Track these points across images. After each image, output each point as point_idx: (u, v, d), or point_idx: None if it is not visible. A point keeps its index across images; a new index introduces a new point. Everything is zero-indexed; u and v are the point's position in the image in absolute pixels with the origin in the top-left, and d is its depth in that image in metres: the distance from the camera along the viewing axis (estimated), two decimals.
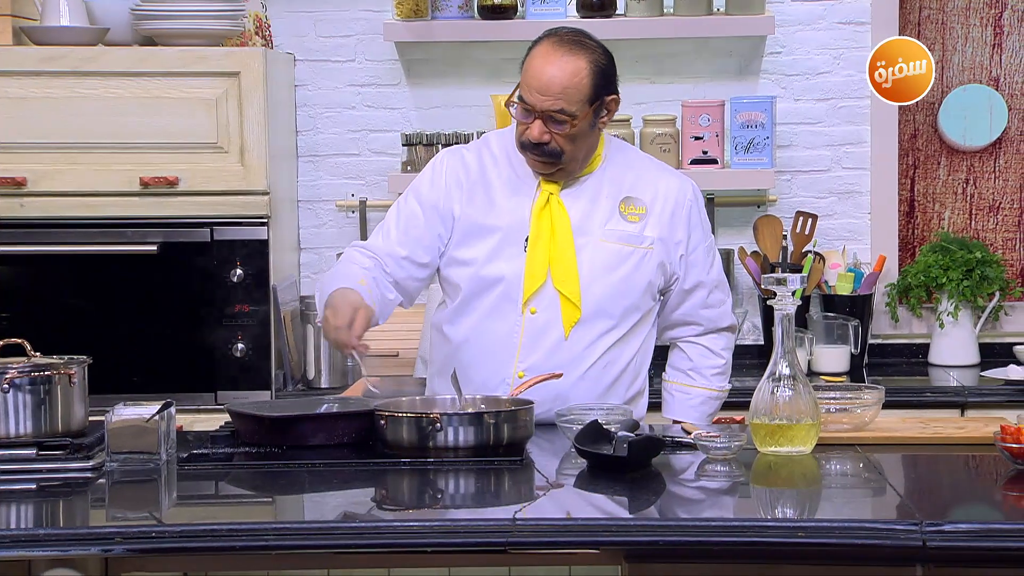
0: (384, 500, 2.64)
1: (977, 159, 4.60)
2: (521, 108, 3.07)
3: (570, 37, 3.08)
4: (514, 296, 3.11)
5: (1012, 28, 4.55)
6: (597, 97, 3.07)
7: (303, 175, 4.56)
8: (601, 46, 3.12)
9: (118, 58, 4.03)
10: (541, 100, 3.03)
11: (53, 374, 2.77)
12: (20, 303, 4.05)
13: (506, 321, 3.12)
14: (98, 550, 2.38)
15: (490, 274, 3.13)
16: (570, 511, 2.60)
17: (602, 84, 3.08)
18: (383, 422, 2.79)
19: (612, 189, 3.17)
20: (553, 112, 3.03)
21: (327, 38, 4.54)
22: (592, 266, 3.12)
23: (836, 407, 2.97)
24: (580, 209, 3.14)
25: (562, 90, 3.02)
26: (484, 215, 3.15)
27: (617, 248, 3.14)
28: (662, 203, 3.18)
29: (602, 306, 3.13)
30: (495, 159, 3.20)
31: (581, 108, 3.04)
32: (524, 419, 2.81)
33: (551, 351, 3.10)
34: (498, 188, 3.17)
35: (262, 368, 4.07)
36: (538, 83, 3.03)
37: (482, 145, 3.24)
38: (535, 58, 3.06)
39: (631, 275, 3.14)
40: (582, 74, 3.04)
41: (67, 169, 4.04)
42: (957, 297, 4.35)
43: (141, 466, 2.74)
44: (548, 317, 3.11)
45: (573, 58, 3.04)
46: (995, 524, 2.39)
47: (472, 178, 3.18)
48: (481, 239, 3.14)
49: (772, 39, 4.48)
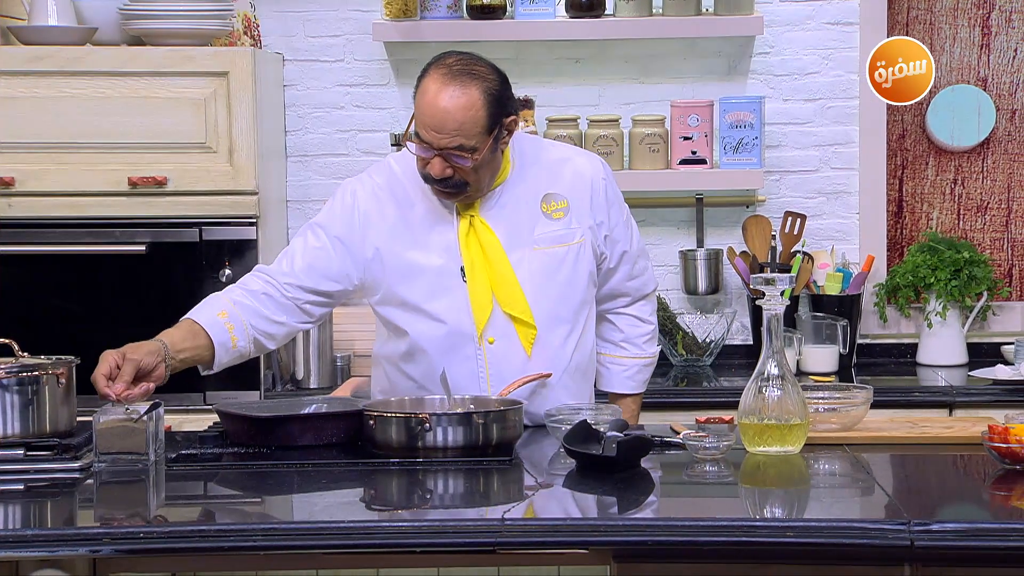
0: (373, 500, 2.64)
1: (965, 159, 4.61)
2: (419, 144, 2.95)
3: (459, 67, 2.93)
4: (467, 331, 3.05)
5: (1000, 28, 4.56)
6: (495, 125, 2.95)
7: (292, 175, 4.56)
8: (493, 69, 2.98)
9: (106, 58, 4.02)
10: (438, 138, 2.91)
11: (41, 374, 2.77)
12: (8, 303, 4.04)
13: (467, 358, 3.05)
14: (86, 551, 2.38)
15: (435, 312, 3.05)
16: (559, 511, 2.60)
17: (498, 110, 2.95)
18: (372, 422, 2.79)
19: (530, 193, 3.10)
20: (452, 149, 2.92)
21: (316, 38, 4.53)
22: (533, 278, 3.07)
23: (825, 407, 2.97)
24: (505, 224, 3.07)
25: (458, 126, 2.90)
26: (411, 251, 3.06)
27: (552, 252, 3.09)
28: (579, 191, 3.12)
29: (554, 313, 3.09)
30: (406, 190, 3.08)
31: (480, 140, 2.94)
32: (513, 419, 2.81)
33: (519, 373, 3.06)
34: (417, 223, 3.07)
35: (251, 368, 4.06)
36: (432, 121, 2.90)
37: (388, 173, 3.12)
38: (426, 93, 2.92)
39: (572, 274, 3.11)
40: (476, 106, 2.90)
41: (55, 169, 4.03)
42: (945, 297, 4.36)
43: (129, 466, 2.74)
44: (507, 343, 3.06)
45: (465, 91, 2.90)
46: (983, 524, 2.39)
47: (389, 218, 3.07)
48: (415, 278, 3.06)
49: (761, 39, 4.48)
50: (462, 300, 3.04)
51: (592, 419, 2.85)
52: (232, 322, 2.99)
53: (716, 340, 4.42)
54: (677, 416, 3.49)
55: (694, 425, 2.95)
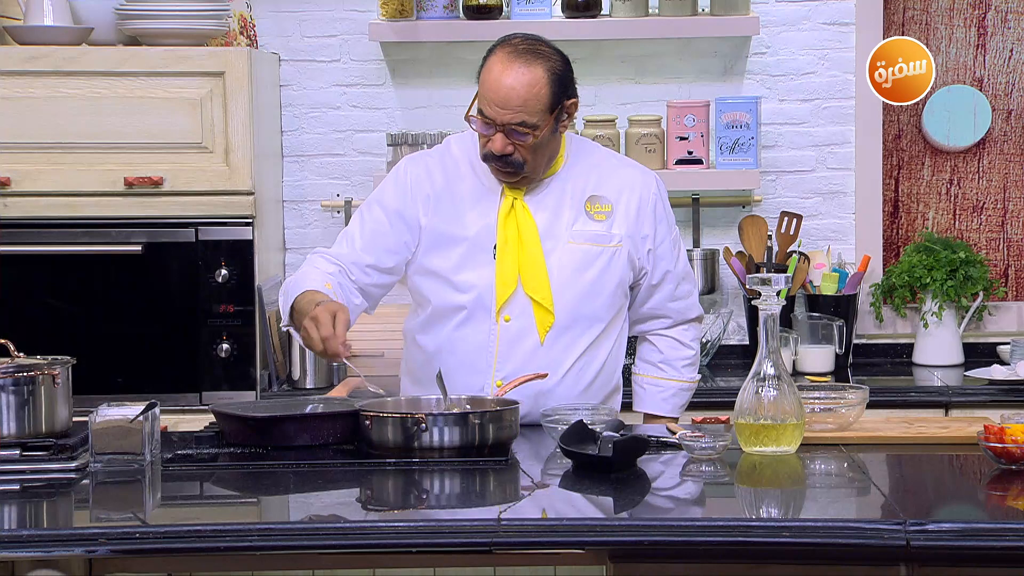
0: (369, 500, 2.64)
1: (961, 159, 4.61)
2: (482, 121, 3.03)
3: (524, 46, 3.03)
4: (487, 305, 3.10)
5: (996, 29, 4.57)
6: (557, 104, 3.03)
7: (288, 175, 4.56)
8: (556, 51, 3.07)
9: (102, 58, 4.02)
10: (501, 114, 2.99)
11: (37, 375, 2.77)
12: (3, 303, 4.03)
13: (480, 330, 3.10)
14: (82, 551, 2.37)
15: (461, 283, 3.11)
16: (555, 511, 2.60)
17: (561, 90, 3.03)
18: (368, 422, 2.79)
19: (576, 189, 3.15)
20: (514, 125, 2.99)
21: (312, 38, 4.53)
22: (562, 269, 3.11)
23: (821, 407, 2.97)
24: (546, 213, 3.12)
25: (522, 103, 2.98)
26: (450, 225, 3.13)
27: (586, 249, 3.13)
28: (627, 199, 3.16)
29: (575, 309, 3.11)
30: (457, 166, 3.16)
31: (542, 118, 3.01)
32: (509, 419, 2.81)
33: (528, 358, 3.09)
34: (463, 197, 3.14)
35: (247, 368, 4.06)
36: (496, 96, 2.99)
37: (444, 151, 3.21)
38: (491, 71, 3.00)
39: (602, 275, 3.13)
40: (540, 84, 2.99)
41: (51, 169, 4.03)
42: (941, 297, 4.36)
43: (125, 467, 2.73)
44: (522, 324, 3.09)
45: (530, 68, 2.99)
46: (978, 523, 2.40)
47: (437, 187, 3.15)
48: (449, 248, 3.12)
49: (757, 39, 4.48)
50: (488, 275, 3.10)
51: (588, 419, 2.85)
52: (338, 294, 3.05)
53: (712, 340, 4.42)
54: None
55: (690, 425, 2.95)
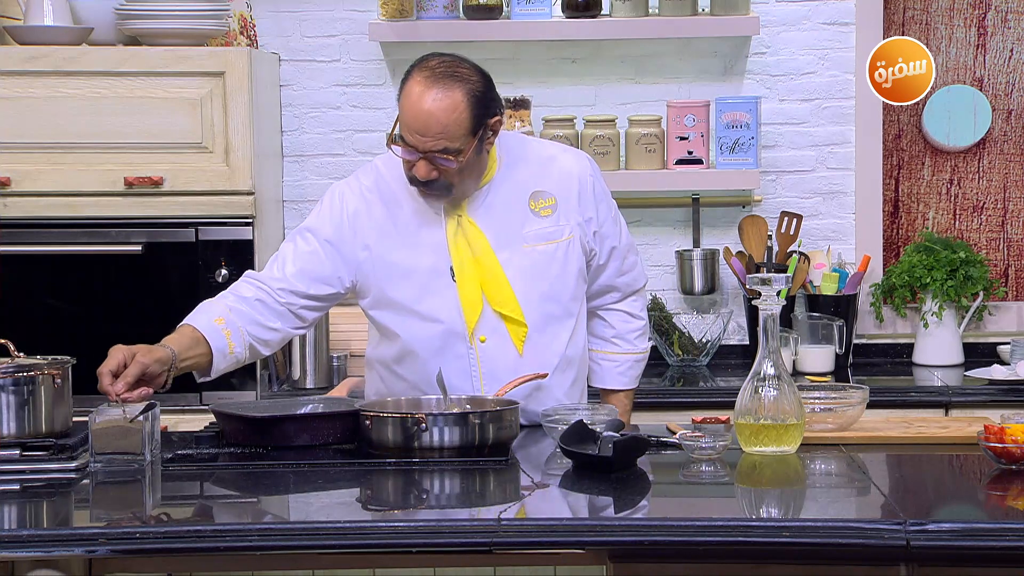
0: (369, 500, 2.64)
1: (961, 159, 4.61)
2: (404, 148, 2.96)
3: (442, 68, 2.93)
4: (458, 330, 3.05)
5: (996, 29, 4.57)
6: (479, 126, 2.95)
7: (288, 175, 4.56)
8: (476, 70, 2.98)
9: (102, 58, 4.02)
10: (422, 141, 2.91)
11: (37, 375, 2.77)
12: (3, 303, 4.03)
13: (459, 355, 3.06)
14: (82, 551, 2.37)
15: (427, 313, 3.06)
16: (555, 511, 2.60)
17: (482, 111, 2.95)
18: (368, 422, 2.79)
19: (516, 191, 3.10)
20: (436, 152, 2.93)
21: (312, 38, 4.53)
22: (522, 276, 3.07)
23: (821, 407, 2.97)
24: (493, 223, 3.07)
25: (442, 129, 2.90)
26: (399, 254, 3.06)
27: (541, 249, 3.09)
28: (567, 187, 3.12)
29: (545, 311, 3.09)
30: (393, 191, 3.09)
31: (464, 142, 2.94)
32: (509, 419, 2.81)
33: (512, 371, 3.06)
34: (406, 223, 3.07)
35: (247, 368, 4.04)
36: (416, 124, 2.90)
37: (377, 176, 3.12)
38: (410, 96, 2.91)
39: (562, 271, 3.11)
40: (460, 108, 2.90)
41: (51, 169, 4.03)
42: (941, 297, 4.36)
43: (125, 467, 2.73)
44: (498, 341, 3.06)
45: (448, 93, 2.90)
46: (978, 523, 2.40)
47: (377, 217, 3.08)
48: (405, 279, 3.06)
49: (757, 39, 4.48)
50: (452, 300, 3.05)
51: (588, 419, 2.85)
52: (229, 328, 2.99)
53: (712, 340, 4.42)
54: (673, 416, 3.49)
55: (690, 425, 2.95)
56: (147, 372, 2.82)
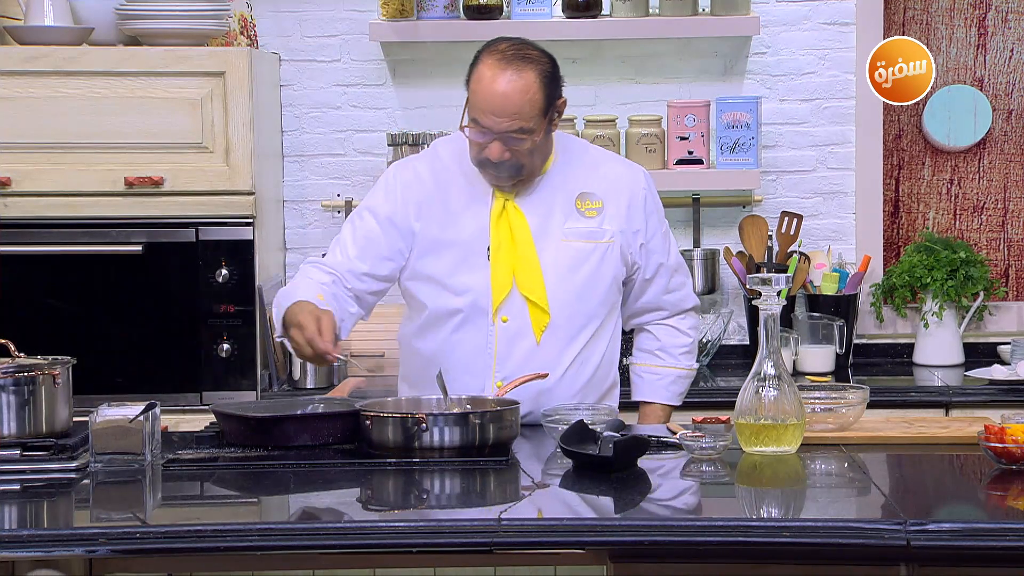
0: (369, 500, 2.64)
1: (961, 159, 4.61)
2: (476, 130, 3.02)
3: (512, 51, 3.01)
4: (483, 306, 3.10)
5: (996, 29, 4.57)
6: (549, 106, 3.04)
7: (289, 175, 4.56)
8: (544, 52, 3.07)
9: (102, 58, 4.02)
10: (497, 122, 2.99)
11: (37, 375, 2.77)
12: (4, 303, 4.03)
13: (478, 333, 3.10)
14: (82, 551, 2.37)
15: (456, 286, 3.11)
16: (556, 511, 2.60)
17: (552, 91, 3.04)
18: (368, 422, 2.79)
19: (566, 187, 3.15)
20: (511, 132, 3.00)
21: (312, 38, 4.53)
22: (556, 268, 3.11)
23: (821, 407, 2.97)
24: (537, 213, 3.12)
25: (517, 109, 2.98)
26: (442, 229, 3.12)
27: (579, 246, 3.13)
28: (617, 195, 3.16)
29: (571, 306, 3.12)
30: (447, 170, 3.16)
31: (537, 122, 3.02)
32: (510, 419, 2.81)
33: (526, 358, 3.09)
34: (454, 201, 3.13)
35: (248, 368, 4.06)
36: (491, 105, 2.98)
37: (432, 156, 3.20)
38: (482, 79, 2.99)
39: (595, 272, 3.14)
40: (533, 89, 2.99)
41: (51, 169, 4.03)
42: (941, 297, 4.36)
43: (125, 467, 2.73)
44: (519, 324, 3.10)
45: (522, 74, 2.99)
46: (978, 523, 2.40)
47: (427, 191, 3.14)
48: (442, 253, 3.12)
49: (757, 39, 4.48)
50: (483, 277, 3.10)
51: (589, 419, 2.85)
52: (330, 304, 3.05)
53: (713, 340, 4.42)
54: (674, 416, 3.49)
55: (691, 425, 2.95)
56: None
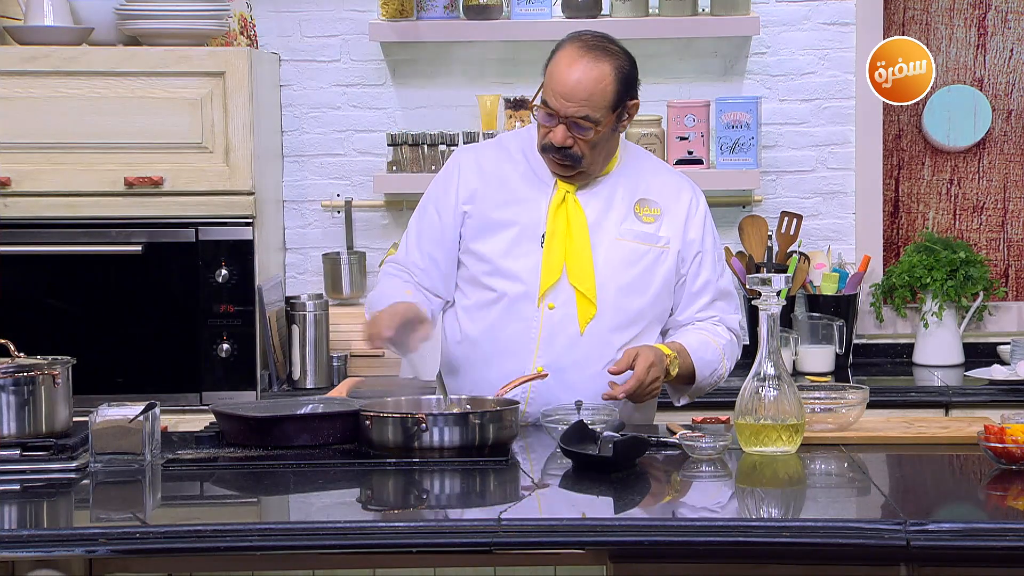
0: (369, 501, 2.64)
1: (961, 159, 4.61)
2: (545, 112, 3.06)
3: (595, 42, 3.07)
4: (531, 291, 3.12)
5: (996, 29, 4.57)
6: (620, 103, 3.07)
7: (288, 175, 4.56)
8: (624, 51, 3.11)
9: (102, 58, 4.02)
10: (565, 106, 3.03)
11: (37, 375, 2.77)
12: (3, 303, 4.03)
13: (524, 317, 3.12)
14: (82, 551, 2.37)
15: (507, 269, 3.13)
16: (555, 511, 2.60)
17: (625, 89, 3.07)
18: (368, 423, 2.79)
19: (627, 191, 3.18)
20: (577, 118, 3.03)
21: (312, 38, 4.53)
22: (608, 264, 3.13)
23: (821, 407, 2.97)
24: (596, 209, 3.15)
25: (587, 96, 3.02)
26: (500, 210, 3.16)
27: (633, 247, 3.15)
28: (676, 205, 3.19)
29: (617, 303, 3.13)
30: (511, 155, 3.21)
31: (605, 114, 3.05)
32: (509, 419, 2.81)
33: (568, 347, 3.10)
34: (515, 185, 3.17)
35: (247, 369, 4.06)
36: (563, 89, 3.02)
37: (498, 142, 3.27)
38: (560, 63, 3.04)
39: (646, 273, 3.15)
40: (607, 80, 3.03)
41: (51, 169, 4.03)
42: (941, 297, 4.36)
43: (125, 467, 2.73)
44: (565, 313, 3.12)
45: (598, 64, 3.03)
46: (978, 524, 2.40)
47: (488, 172, 3.18)
48: (497, 234, 3.15)
49: (757, 39, 4.48)
50: (535, 263, 3.12)
51: (588, 419, 2.85)
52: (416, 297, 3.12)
53: None
54: (674, 416, 3.49)
55: (691, 425, 2.95)
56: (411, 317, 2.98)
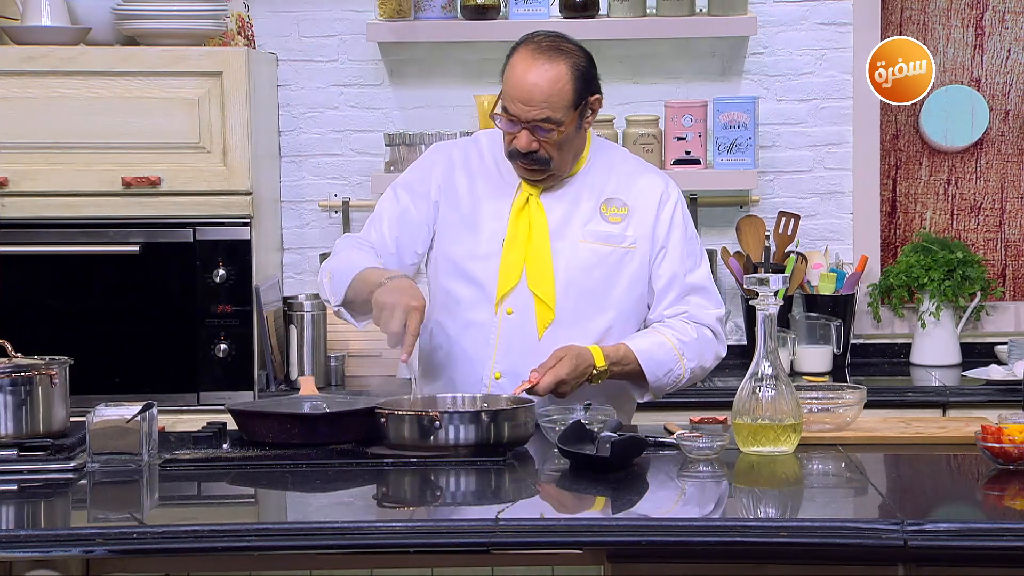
0: (367, 500, 2.63)
1: (959, 160, 4.61)
2: (506, 119, 3.05)
3: (548, 43, 3.05)
4: (490, 295, 3.11)
5: (993, 29, 4.57)
6: (581, 100, 3.05)
7: (286, 175, 4.56)
8: (579, 47, 3.10)
9: (99, 58, 4.02)
10: (526, 111, 3.01)
11: (34, 375, 2.76)
12: (1, 303, 4.03)
13: (483, 321, 3.10)
14: (79, 551, 2.37)
15: (468, 272, 3.12)
16: (553, 511, 2.60)
17: (584, 86, 3.06)
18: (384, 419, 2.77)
19: (593, 191, 3.15)
20: (539, 122, 3.01)
21: (310, 38, 4.53)
22: (569, 268, 3.10)
23: (818, 407, 2.97)
24: (560, 211, 3.13)
25: (546, 99, 3.00)
26: (464, 214, 3.15)
27: (596, 248, 3.12)
28: (644, 202, 3.15)
29: (578, 308, 3.10)
30: (482, 158, 3.19)
31: (566, 114, 3.03)
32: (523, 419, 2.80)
33: (525, 353, 3.07)
34: (481, 189, 3.16)
35: (245, 369, 4.06)
36: (520, 94, 3.01)
37: (471, 143, 3.24)
38: (515, 68, 3.03)
39: (611, 276, 3.12)
40: (564, 80, 3.01)
41: (48, 169, 4.03)
42: (939, 297, 4.36)
43: (123, 467, 2.73)
44: (522, 318, 3.10)
45: (553, 65, 3.02)
46: (976, 523, 2.40)
47: (456, 175, 3.17)
48: (460, 237, 3.14)
49: (755, 40, 4.48)
50: (495, 266, 3.11)
51: (586, 419, 2.85)
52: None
53: None
54: (671, 416, 3.49)
55: (688, 425, 2.95)
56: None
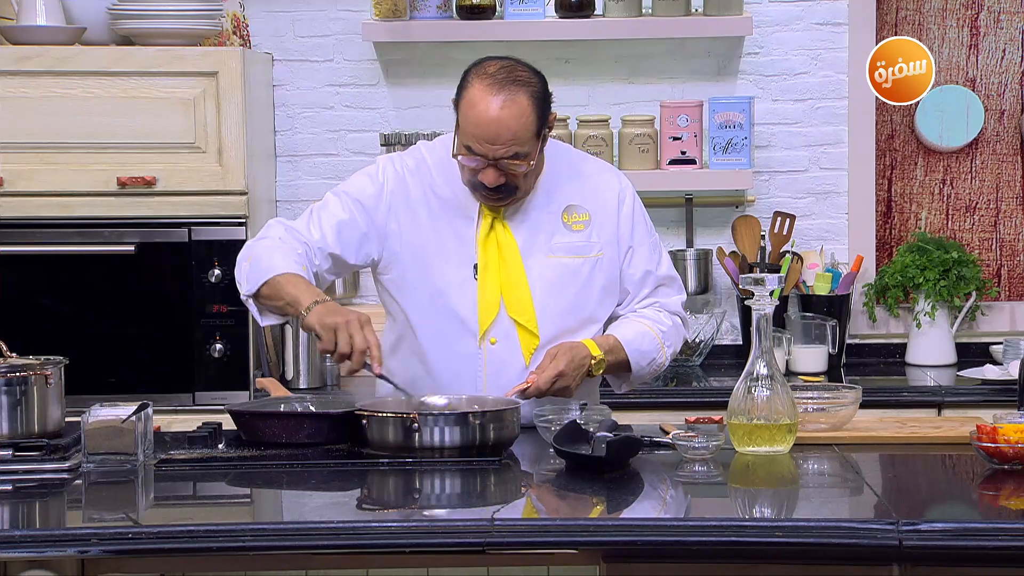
0: (363, 500, 2.63)
1: (954, 159, 4.62)
2: (471, 156, 2.93)
3: (503, 75, 2.92)
4: (471, 327, 3.03)
5: (988, 29, 4.57)
6: (543, 126, 2.97)
7: (281, 175, 4.56)
8: (533, 71, 2.98)
9: (95, 58, 4.02)
10: (493, 149, 2.90)
11: (29, 375, 2.76)
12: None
13: (467, 356, 3.03)
14: (74, 551, 2.37)
15: (443, 304, 3.03)
16: (548, 511, 2.60)
17: (544, 111, 2.96)
18: (365, 422, 2.78)
19: (553, 201, 3.08)
20: (507, 159, 2.92)
21: (305, 38, 4.53)
22: (544, 286, 3.04)
23: (814, 407, 2.97)
24: (525, 230, 3.05)
25: (513, 136, 2.89)
26: (428, 240, 3.04)
27: (566, 262, 3.06)
28: (603, 205, 3.10)
29: (559, 324, 3.05)
30: (433, 178, 3.07)
31: (532, 144, 2.94)
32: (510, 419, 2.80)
33: (514, 379, 3.02)
34: (439, 211, 3.05)
35: (240, 369, 4.06)
36: (486, 133, 2.89)
37: (418, 158, 3.11)
38: (475, 106, 2.89)
39: (585, 288, 3.08)
40: (527, 113, 2.90)
41: (44, 169, 4.02)
42: (934, 297, 4.37)
43: (118, 467, 2.73)
44: (507, 346, 3.03)
45: (515, 100, 2.89)
46: (971, 523, 2.40)
47: (413, 198, 3.06)
48: (428, 267, 3.04)
49: (750, 40, 4.49)
50: (471, 295, 3.02)
51: (582, 419, 2.85)
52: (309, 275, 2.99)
53: (706, 340, 4.42)
54: (667, 416, 3.50)
55: (683, 425, 2.95)
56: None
